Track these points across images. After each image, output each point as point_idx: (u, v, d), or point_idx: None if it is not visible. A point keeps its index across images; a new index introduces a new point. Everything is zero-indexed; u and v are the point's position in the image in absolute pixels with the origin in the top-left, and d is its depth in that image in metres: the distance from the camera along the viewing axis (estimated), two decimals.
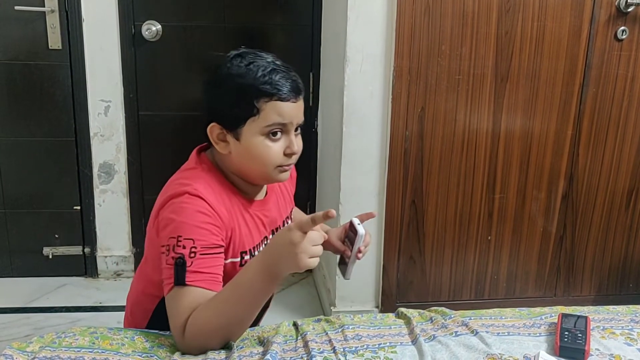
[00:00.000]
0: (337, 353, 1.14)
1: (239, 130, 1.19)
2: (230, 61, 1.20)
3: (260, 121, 1.18)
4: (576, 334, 1.18)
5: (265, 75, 1.18)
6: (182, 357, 1.13)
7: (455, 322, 1.25)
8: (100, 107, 2.59)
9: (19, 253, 2.72)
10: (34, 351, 1.12)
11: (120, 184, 2.69)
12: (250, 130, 1.19)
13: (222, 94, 1.20)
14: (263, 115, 1.18)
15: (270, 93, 1.17)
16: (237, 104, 1.18)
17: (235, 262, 1.24)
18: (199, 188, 1.17)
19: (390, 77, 2.08)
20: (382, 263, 2.26)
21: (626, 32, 2.12)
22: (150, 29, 2.52)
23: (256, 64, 1.19)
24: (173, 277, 1.14)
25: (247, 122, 1.19)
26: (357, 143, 2.16)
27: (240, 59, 1.20)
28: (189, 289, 1.13)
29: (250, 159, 1.22)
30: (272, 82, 1.17)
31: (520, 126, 2.18)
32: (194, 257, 1.13)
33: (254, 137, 1.20)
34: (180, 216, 1.15)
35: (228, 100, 1.19)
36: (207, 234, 1.16)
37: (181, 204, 1.16)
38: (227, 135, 1.21)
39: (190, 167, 1.26)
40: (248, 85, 1.17)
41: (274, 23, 2.63)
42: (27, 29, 2.47)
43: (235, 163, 1.24)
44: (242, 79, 1.18)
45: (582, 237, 2.35)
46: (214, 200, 1.18)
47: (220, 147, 1.22)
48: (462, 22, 2.05)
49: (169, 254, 1.15)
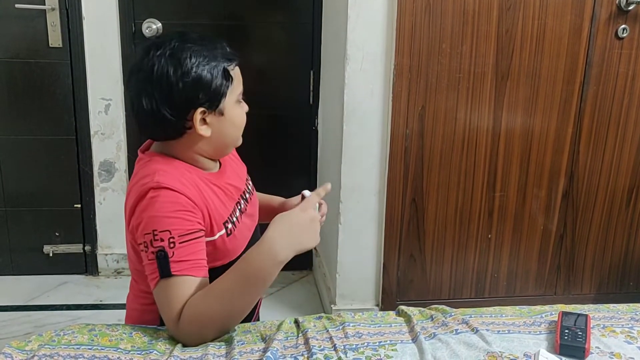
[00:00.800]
0: (338, 350, 1.14)
1: (223, 105, 1.21)
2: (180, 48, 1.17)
3: (234, 89, 1.22)
4: (576, 332, 1.18)
5: (223, 47, 1.22)
6: (183, 351, 1.13)
7: (455, 320, 1.25)
8: (101, 105, 2.59)
9: (20, 251, 2.72)
10: (33, 349, 1.12)
11: (120, 182, 2.69)
12: (230, 101, 1.22)
13: (198, 77, 1.17)
14: (235, 82, 1.22)
15: (233, 59, 1.22)
16: (217, 78, 1.19)
17: (222, 235, 1.24)
18: (160, 179, 1.16)
19: (390, 75, 2.08)
20: (382, 261, 2.26)
21: (627, 30, 2.12)
22: (150, 27, 2.52)
23: (206, 39, 1.21)
24: (157, 271, 1.13)
25: (227, 94, 1.21)
26: (357, 141, 2.16)
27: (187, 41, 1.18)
28: (176, 279, 1.14)
29: (233, 129, 1.26)
30: (229, 50, 1.22)
31: (521, 124, 2.18)
32: (173, 247, 1.13)
33: (234, 107, 1.24)
34: (150, 212, 1.14)
35: (210, 79, 1.18)
36: (180, 222, 1.15)
37: (148, 201, 1.15)
38: (209, 116, 1.20)
39: (142, 165, 1.24)
40: (217, 57, 1.19)
41: (274, 21, 2.63)
42: (27, 26, 2.47)
43: (213, 142, 1.23)
44: (210, 54, 1.18)
45: (582, 235, 2.35)
46: (178, 184, 1.17)
47: (204, 130, 1.21)
48: (462, 20, 2.04)
49: (148, 250, 1.14)
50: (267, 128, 2.67)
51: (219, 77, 1.19)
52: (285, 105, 2.70)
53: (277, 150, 2.71)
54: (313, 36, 2.61)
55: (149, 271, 1.17)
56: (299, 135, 2.74)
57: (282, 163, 2.74)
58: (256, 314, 1.41)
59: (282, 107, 2.69)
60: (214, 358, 1.10)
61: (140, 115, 1.20)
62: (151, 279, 1.16)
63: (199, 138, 1.22)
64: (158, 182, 1.15)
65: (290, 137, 2.74)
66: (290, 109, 2.70)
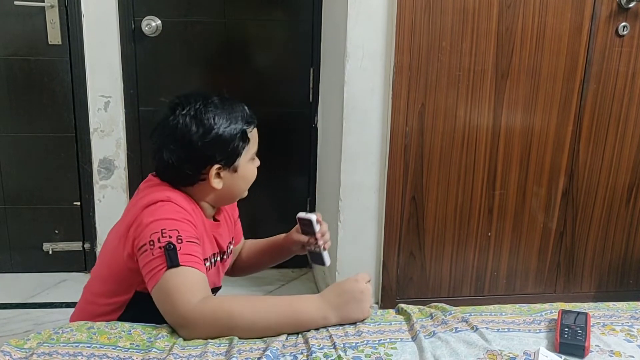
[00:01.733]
0: (337, 349, 1.14)
1: (237, 163, 1.31)
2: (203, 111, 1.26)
3: (250, 149, 1.33)
4: (576, 331, 1.18)
5: (243, 110, 1.32)
6: (182, 349, 1.12)
7: (455, 319, 1.25)
8: (100, 103, 2.59)
9: (19, 249, 2.72)
10: (31, 347, 1.12)
11: (120, 179, 2.69)
12: (245, 159, 1.32)
13: (219, 137, 1.27)
14: (251, 143, 1.33)
15: (253, 121, 1.33)
16: (236, 139, 1.29)
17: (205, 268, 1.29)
18: (170, 196, 1.24)
19: (390, 73, 2.08)
20: (382, 259, 2.26)
21: (627, 28, 2.12)
22: (150, 25, 2.51)
23: (227, 103, 1.30)
24: (164, 263, 1.15)
25: (243, 154, 1.31)
26: (357, 139, 2.16)
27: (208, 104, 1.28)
28: (185, 269, 1.16)
29: (243, 184, 1.36)
30: (249, 113, 1.33)
31: (521, 122, 2.18)
32: (181, 242, 1.18)
33: (247, 164, 1.34)
34: (159, 215, 1.21)
35: (229, 140, 1.28)
36: (188, 226, 1.22)
37: (157, 208, 1.22)
38: (223, 172, 1.30)
39: (152, 188, 1.30)
40: (238, 120, 1.29)
41: (274, 18, 2.63)
42: (26, 24, 2.47)
43: (222, 193, 1.33)
44: (231, 117, 1.28)
45: (582, 233, 2.35)
46: (186, 205, 1.26)
47: (216, 183, 1.30)
48: (462, 18, 2.04)
49: (155, 246, 1.17)
50: (266, 126, 2.66)
51: (237, 139, 1.29)
52: (285, 103, 2.70)
53: (276, 148, 2.71)
54: (313, 34, 2.61)
55: (151, 267, 1.17)
56: (299, 133, 2.74)
57: (281, 161, 2.74)
58: None
59: (281, 104, 2.69)
60: (213, 356, 1.10)
61: (161, 165, 1.30)
62: (154, 272, 1.16)
63: (210, 190, 1.31)
64: (168, 197, 1.24)
65: (290, 134, 2.74)
66: (290, 106, 2.70)
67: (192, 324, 1.15)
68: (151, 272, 1.17)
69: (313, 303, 1.20)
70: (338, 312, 1.20)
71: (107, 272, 1.32)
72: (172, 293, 1.15)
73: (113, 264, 1.29)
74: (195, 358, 1.10)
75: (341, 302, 1.20)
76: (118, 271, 1.27)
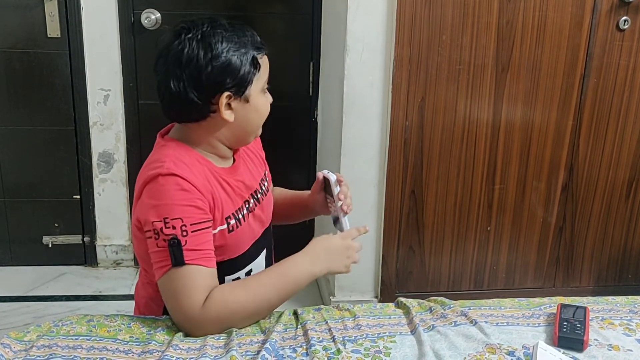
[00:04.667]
0: (337, 342, 1.14)
1: (249, 91, 1.21)
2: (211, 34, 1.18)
3: (261, 77, 1.23)
4: (575, 325, 1.18)
5: (253, 35, 1.22)
6: (182, 341, 1.13)
7: (454, 312, 1.25)
8: (100, 96, 2.58)
9: (19, 242, 2.72)
10: (31, 340, 1.12)
11: (119, 173, 2.69)
12: (256, 88, 1.23)
13: (227, 62, 1.17)
14: (262, 71, 1.23)
15: (262, 48, 1.23)
16: (246, 65, 1.19)
17: (223, 230, 1.23)
18: (170, 166, 1.16)
19: (390, 66, 2.07)
20: (381, 253, 2.26)
21: (628, 22, 2.11)
22: (149, 18, 2.50)
23: (237, 27, 1.21)
24: (169, 259, 1.12)
25: (254, 82, 1.21)
26: (357, 133, 2.15)
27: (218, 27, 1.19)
28: (190, 268, 1.13)
29: (257, 116, 1.26)
30: (259, 39, 1.23)
31: (521, 117, 2.18)
32: (186, 235, 1.13)
33: (259, 95, 1.24)
34: (161, 199, 1.14)
35: (238, 66, 1.18)
36: (192, 210, 1.15)
37: (158, 187, 1.15)
38: (234, 101, 1.21)
39: (156, 149, 1.26)
40: (247, 45, 1.20)
41: (274, 12, 2.62)
42: (25, 17, 2.46)
43: (234, 128, 1.24)
44: (240, 41, 1.19)
45: (581, 228, 2.35)
46: (188, 173, 1.17)
47: (228, 115, 1.21)
48: (463, 11, 2.03)
49: (159, 237, 1.13)
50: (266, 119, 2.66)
51: (247, 64, 1.19)
52: (285, 97, 2.67)
53: (276, 142, 2.70)
54: (313, 27, 2.60)
55: (157, 258, 1.15)
56: (298, 127, 2.73)
57: (281, 154, 2.73)
58: None
59: (281, 98, 2.63)
60: (212, 349, 1.10)
61: (167, 97, 1.20)
62: (159, 266, 1.14)
63: (222, 123, 1.22)
64: (168, 169, 1.15)
65: (290, 128, 2.73)
66: (290, 100, 2.69)
67: (195, 327, 1.15)
68: (157, 264, 1.15)
69: (302, 265, 1.22)
70: (324, 265, 1.23)
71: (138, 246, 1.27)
72: (177, 294, 1.13)
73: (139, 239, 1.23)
74: (194, 351, 1.10)
75: (328, 257, 1.24)
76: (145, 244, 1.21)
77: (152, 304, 1.31)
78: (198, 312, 1.13)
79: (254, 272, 1.32)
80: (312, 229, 2.76)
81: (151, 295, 1.30)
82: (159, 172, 1.15)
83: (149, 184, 1.16)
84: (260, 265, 1.36)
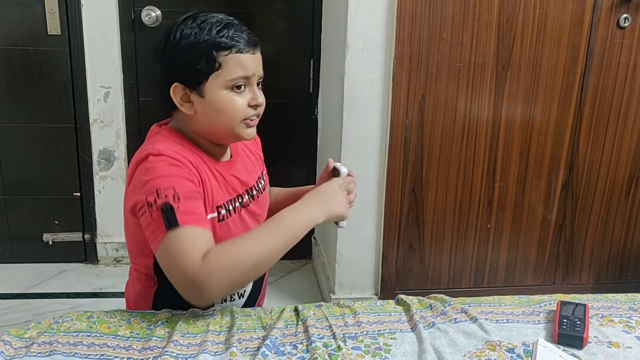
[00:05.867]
0: (337, 339, 1.14)
1: (203, 86, 1.20)
2: (182, 22, 1.20)
3: (224, 75, 1.20)
4: (575, 322, 1.19)
5: (221, 30, 1.19)
6: (182, 336, 1.13)
7: (454, 309, 1.26)
8: (100, 93, 2.58)
9: (19, 239, 2.72)
10: (32, 337, 1.12)
11: (120, 170, 2.69)
12: (214, 85, 1.20)
13: (180, 54, 1.19)
14: (226, 69, 1.19)
15: (229, 46, 1.19)
16: (198, 60, 1.18)
17: (213, 218, 1.22)
18: (160, 148, 1.17)
19: (391, 64, 2.07)
20: (381, 251, 2.26)
21: (629, 20, 2.11)
22: (149, 15, 2.50)
23: (209, 22, 1.20)
24: (163, 225, 1.11)
25: (209, 78, 1.19)
26: (357, 130, 2.15)
27: (192, 20, 1.21)
28: (186, 229, 1.10)
29: (217, 114, 1.22)
30: (229, 36, 1.19)
31: (521, 114, 2.18)
32: (178, 201, 1.12)
33: (219, 92, 1.20)
34: (152, 175, 1.14)
35: (188, 59, 1.19)
36: (183, 182, 1.15)
37: (148, 166, 1.15)
38: (191, 94, 1.21)
39: (149, 137, 1.26)
40: (205, 40, 1.18)
41: (274, 9, 2.62)
42: (25, 14, 2.46)
43: (201, 122, 1.23)
44: (199, 35, 1.19)
45: (581, 225, 2.35)
46: (179, 155, 1.18)
47: (185, 107, 1.22)
48: (463, 9, 2.03)
49: (152, 208, 1.12)
50: (266, 117, 2.65)
51: (197, 58, 1.18)
52: (285, 94, 2.69)
53: (276, 139, 2.70)
54: (313, 24, 2.60)
55: (151, 230, 1.13)
56: (299, 124, 2.73)
57: (281, 152, 2.74)
58: (261, 294, 1.42)
59: (281, 95, 2.68)
60: (212, 345, 1.11)
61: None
62: (155, 237, 1.12)
63: (187, 115, 1.23)
64: (158, 150, 1.16)
65: (290, 126, 2.74)
66: (290, 97, 2.69)
67: (199, 285, 1.08)
68: (152, 236, 1.13)
69: (299, 211, 1.21)
70: (322, 209, 1.23)
71: (128, 237, 1.27)
72: (176, 256, 1.10)
73: (130, 226, 1.24)
74: (194, 347, 1.10)
75: (322, 200, 1.24)
76: (134, 232, 1.22)
77: (141, 300, 1.31)
78: (199, 267, 1.08)
79: None
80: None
81: (140, 290, 1.30)
82: (149, 152, 1.16)
83: (140, 164, 1.16)
84: None
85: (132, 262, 1.33)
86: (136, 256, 1.28)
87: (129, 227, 1.24)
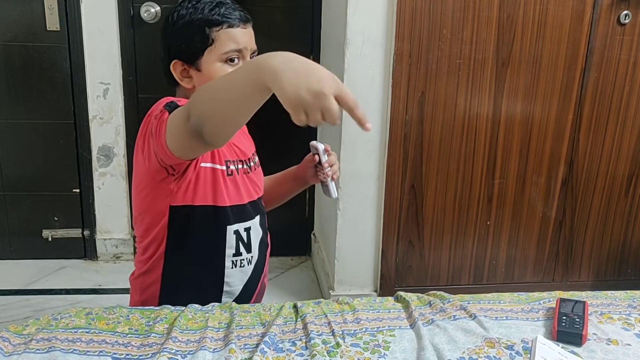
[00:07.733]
0: (336, 336, 1.14)
1: (199, 61, 1.30)
2: (180, 4, 1.31)
3: (217, 49, 1.29)
4: (574, 319, 1.19)
5: (213, 9, 1.29)
6: (181, 332, 1.13)
7: (453, 306, 1.25)
8: (99, 90, 2.58)
9: (19, 235, 2.72)
10: (30, 333, 1.12)
11: (119, 167, 2.69)
12: (209, 59, 1.29)
13: (177, 33, 1.30)
14: (218, 44, 1.29)
15: (220, 22, 1.28)
16: (193, 37, 1.28)
17: (223, 171, 1.30)
18: (170, 98, 1.26)
19: (390, 60, 2.07)
20: (381, 247, 2.26)
21: (629, 16, 2.11)
22: (149, 11, 2.50)
23: (203, 1, 1.30)
24: (166, 112, 1.16)
25: (204, 53, 1.29)
26: (357, 127, 2.13)
27: (189, 1, 1.31)
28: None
29: None
30: (220, 13, 1.29)
31: (521, 111, 2.17)
32: (180, 102, 1.18)
33: (213, 65, 1.29)
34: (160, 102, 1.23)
35: (184, 37, 1.29)
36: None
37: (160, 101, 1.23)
38: (190, 69, 1.31)
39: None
40: (198, 19, 1.28)
41: (273, 5, 2.61)
42: (25, 10, 2.45)
43: None
44: (193, 15, 1.29)
45: (581, 222, 2.35)
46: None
47: (185, 82, 1.32)
48: (463, 5, 2.03)
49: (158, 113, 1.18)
50: (264, 113, 2.65)
51: (192, 35, 1.28)
52: None
53: (275, 136, 2.70)
54: (313, 20, 2.59)
55: (156, 122, 1.17)
56: None
57: (280, 149, 2.73)
58: (260, 291, 1.44)
59: None
60: (211, 342, 1.10)
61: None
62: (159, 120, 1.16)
63: (187, 90, 1.32)
64: (168, 98, 1.25)
65: (289, 122, 2.72)
66: None
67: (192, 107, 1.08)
68: (157, 121, 1.17)
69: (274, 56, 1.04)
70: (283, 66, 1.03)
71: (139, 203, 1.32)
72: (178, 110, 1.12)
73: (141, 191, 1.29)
74: (193, 343, 1.10)
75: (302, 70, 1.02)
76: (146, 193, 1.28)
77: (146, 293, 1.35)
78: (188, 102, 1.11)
79: (252, 232, 1.37)
80: (312, 223, 2.76)
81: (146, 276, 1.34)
82: (159, 101, 1.24)
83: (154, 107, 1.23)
84: (257, 227, 1.39)
85: (139, 238, 1.35)
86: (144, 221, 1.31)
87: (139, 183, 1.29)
